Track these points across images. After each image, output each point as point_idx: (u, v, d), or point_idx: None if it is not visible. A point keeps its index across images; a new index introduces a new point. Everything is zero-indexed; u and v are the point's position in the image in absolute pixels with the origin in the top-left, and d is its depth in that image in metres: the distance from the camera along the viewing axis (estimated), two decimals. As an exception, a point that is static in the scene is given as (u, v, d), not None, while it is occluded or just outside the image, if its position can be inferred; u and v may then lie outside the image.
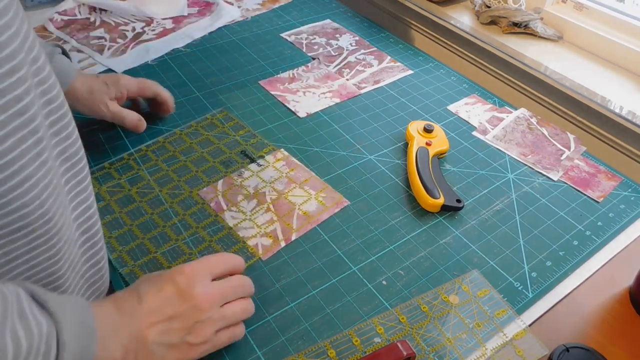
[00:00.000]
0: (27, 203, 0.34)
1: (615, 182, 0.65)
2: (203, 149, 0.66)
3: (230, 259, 0.46)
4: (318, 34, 0.91)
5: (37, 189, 0.35)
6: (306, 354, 0.45)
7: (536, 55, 0.92)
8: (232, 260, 0.47)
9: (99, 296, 0.48)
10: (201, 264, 0.43)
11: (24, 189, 0.34)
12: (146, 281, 0.41)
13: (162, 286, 0.40)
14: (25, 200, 0.34)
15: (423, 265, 0.53)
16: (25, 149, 0.33)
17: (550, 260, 0.55)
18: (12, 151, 0.32)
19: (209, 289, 0.41)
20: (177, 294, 0.40)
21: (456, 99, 0.78)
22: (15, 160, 0.32)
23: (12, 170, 0.32)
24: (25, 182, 0.33)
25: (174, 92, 0.75)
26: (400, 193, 0.61)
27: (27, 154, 0.33)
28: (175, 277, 0.41)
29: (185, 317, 0.39)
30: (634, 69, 0.88)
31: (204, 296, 0.40)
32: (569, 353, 0.45)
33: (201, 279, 0.41)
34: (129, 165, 0.63)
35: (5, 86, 0.31)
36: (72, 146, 0.39)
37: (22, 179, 0.33)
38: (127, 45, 0.84)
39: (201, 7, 0.97)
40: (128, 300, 0.39)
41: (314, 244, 0.55)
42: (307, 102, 0.75)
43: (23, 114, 0.32)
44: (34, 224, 0.35)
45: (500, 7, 0.97)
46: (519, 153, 0.68)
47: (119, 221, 0.56)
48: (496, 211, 0.60)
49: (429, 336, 0.47)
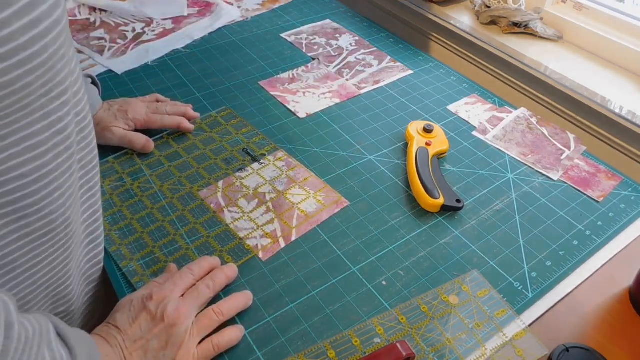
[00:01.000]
0: (54, 210, 0.38)
1: (615, 182, 0.65)
2: (205, 147, 0.66)
3: (197, 265, 0.49)
4: (318, 34, 0.91)
5: (64, 198, 0.39)
6: (306, 355, 0.45)
7: (536, 55, 0.92)
8: (200, 266, 0.49)
9: (94, 289, 0.52)
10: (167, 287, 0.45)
11: (54, 197, 0.37)
12: (121, 311, 0.43)
13: (137, 315, 0.43)
14: (53, 208, 0.38)
15: (423, 266, 0.53)
16: (60, 162, 0.37)
17: (550, 260, 0.55)
18: (50, 164, 0.36)
19: (179, 305, 0.44)
20: (151, 319, 0.42)
21: (456, 99, 0.78)
22: (50, 172, 0.36)
23: (47, 181, 0.36)
24: (55, 192, 0.37)
25: (173, 93, 0.75)
26: (400, 193, 0.61)
27: (61, 167, 0.37)
28: (147, 305, 0.43)
29: (161, 336, 0.42)
30: (634, 69, 0.88)
31: (175, 313, 0.43)
32: (569, 353, 0.45)
33: (170, 300, 0.44)
34: (132, 160, 0.63)
35: (53, 108, 0.35)
36: (90, 154, 0.44)
37: (53, 189, 0.37)
38: (127, 45, 0.85)
39: (201, 8, 0.97)
40: (110, 334, 0.42)
41: (313, 244, 0.55)
42: (307, 103, 0.75)
43: (62, 132, 0.36)
44: (57, 229, 0.39)
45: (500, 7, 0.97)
46: (519, 153, 0.68)
47: (120, 215, 0.57)
48: (496, 211, 0.60)
49: (429, 336, 0.47)
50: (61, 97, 0.35)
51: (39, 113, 0.33)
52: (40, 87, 0.32)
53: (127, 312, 0.43)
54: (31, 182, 0.35)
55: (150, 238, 0.54)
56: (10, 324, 0.30)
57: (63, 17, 0.33)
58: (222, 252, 0.53)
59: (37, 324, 0.33)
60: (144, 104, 0.68)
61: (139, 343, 0.41)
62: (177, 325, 0.42)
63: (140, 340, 0.41)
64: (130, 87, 0.76)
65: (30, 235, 0.37)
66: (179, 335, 0.42)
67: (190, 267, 0.48)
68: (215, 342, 0.44)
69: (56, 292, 0.44)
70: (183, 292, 0.45)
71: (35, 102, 0.32)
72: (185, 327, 0.43)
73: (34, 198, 0.36)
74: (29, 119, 0.32)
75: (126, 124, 0.64)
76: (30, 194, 0.35)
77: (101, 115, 0.64)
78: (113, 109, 0.65)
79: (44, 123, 0.34)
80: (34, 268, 0.40)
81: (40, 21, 0.30)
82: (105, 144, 0.64)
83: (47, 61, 0.32)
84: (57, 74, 0.34)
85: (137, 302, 0.44)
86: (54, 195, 0.37)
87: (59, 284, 0.43)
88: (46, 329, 0.34)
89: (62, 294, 0.45)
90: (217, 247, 0.54)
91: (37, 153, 0.34)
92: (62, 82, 0.35)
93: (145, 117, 0.66)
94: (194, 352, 0.43)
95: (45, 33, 0.31)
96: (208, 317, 0.45)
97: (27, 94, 0.31)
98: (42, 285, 0.42)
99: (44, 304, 0.43)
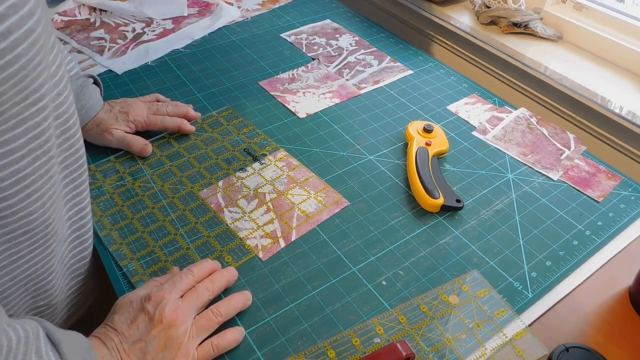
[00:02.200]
0: (32, 212, 0.38)
1: (615, 182, 0.65)
2: (206, 146, 0.66)
3: (197, 267, 0.49)
4: (318, 34, 0.91)
5: (42, 200, 0.39)
6: (306, 355, 0.45)
7: (536, 55, 0.92)
8: (200, 268, 0.49)
9: (79, 283, 0.52)
10: (166, 288, 0.45)
11: (32, 199, 0.37)
12: (119, 312, 0.43)
13: (135, 316, 0.43)
14: (31, 209, 0.38)
15: (423, 266, 0.53)
16: (38, 166, 0.37)
17: (550, 260, 0.55)
18: (26, 169, 0.36)
19: (177, 307, 0.43)
20: (149, 320, 0.42)
21: (456, 99, 0.78)
22: (27, 176, 0.36)
23: (24, 184, 0.36)
24: (33, 194, 0.37)
25: (173, 93, 0.75)
26: (400, 193, 0.61)
27: (38, 171, 0.37)
28: (145, 306, 0.43)
29: (159, 337, 0.42)
30: (634, 69, 0.88)
31: (172, 315, 0.43)
32: (569, 353, 0.45)
33: (168, 301, 0.43)
34: (133, 159, 0.64)
35: (28, 114, 0.34)
36: (75, 154, 0.44)
37: (30, 192, 0.37)
38: (127, 46, 0.85)
39: (201, 8, 0.97)
40: (108, 335, 0.41)
41: (313, 244, 0.55)
42: (307, 103, 0.75)
43: (39, 137, 0.36)
44: (36, 229, 0.39)
45: (500, 7, 0.97)
46: (518, 153, 0.68)
47: (121, 214, 0.57)
48: (496, 211, 0.60)
49: (429, 336, 0.47)
50: (37, 103, 0.35)
51: (13, 120, 0.33)
52: (14, 95, 0.32)
53: (125, 314, 0.43)
54: (8, 186, 0.35)
55: (151, 237, 0.54)
56: None
57: (38, 26, 0.33)
58: (222, 252, 0.53)
59: (23, 332, 0.33)
60: (144, 104, 0.67)
61: (137, 345, 0.41)
62: (175, 326, 0.42)
63: (138, 342, 0.41)
64: (130, 87, 0.76)
65: (7, 235, 0.37)
66: (178, 336, 0.42)
67: (191, 268, 0.48)
68: (215, 343, 0.44)
69: (36, 287, 0.44)
70: (182, 294, 0.45)
71: (9, 110, 0.32)
72: (183, 328, 0.43)
73: (10, 201, 0.36)
74: (2, 126, 0.32)
75: (127, 125, 0.64)
76: (7, 197, 0.35)
77: (102, 116, 0.63)
78: (114, 110, 0.65)
79: (19, 130, 0.34)
80: (12, 265, 0.40)
81: (10, 33, 0.30)
82: (104, 145, 0.64)
83: (19, 71, 0.32)
84: (32, 82, 0.34)
85: (135, 304, 0.43)
86: (31, 197, 0.37)
87: (40, 279, 0.44)
88: (34, 336, 0.33)
89: (43, 289, 0.45)
90: (217, 247, 0.54)
91: (13, 158, 0.34)
92: (38, 88, 0.34)
93: (146, 119, 0.65)
94: (194, 354, 0.43)
95: (15, 44, 0.31)
96: (207, 318, 0.45)
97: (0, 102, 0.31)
98: (21, 280, 0.42)
99: (23, 298, 0.43)
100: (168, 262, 0.52)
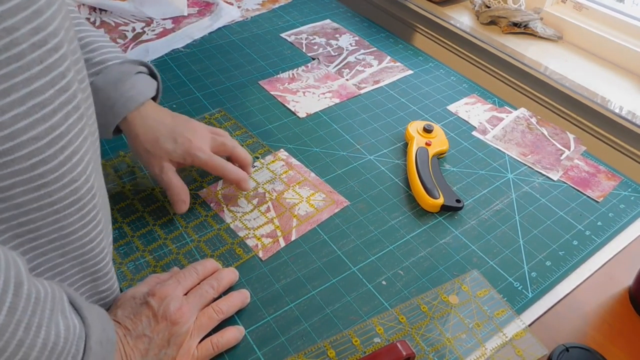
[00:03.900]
0: (76, 178, 0.35)
1: (615, 182, 0.65)
2: None
3: (201, 265, 0.49)
4: (318, 34, 0.91)
5: (83, 164, 0.35)
6: (306, 354, 0.45)
7: (536, 55, 0.92)
8: (204, 266, 0.49)
9: None
10: (170, 285, 0.45)
11: (73, 163, 0.34)
12: (122, 307, 0.43)
13: (138, 311, 0.42)
14: (74, 175, 0.34)
15: (423, 266, 0.53)
16: (71, 124, 0.34)
17: (550, 260, 0.55)
18: (60, 126, 0.33)
19: (182, 305, 0.43)
20: (152, 316, 0.42)
21: (456, 99, 0.78)
22: (63, 135, 0.33)
23: (61, 145, 0.33)
24: (73, 157, 0.34)
25: (174, 93, 0.75)
26: (400, 193, 0.61)
27: (73, 130, 0.34)
28: (149, 302, 0.43)
29: (163, 334, 0.42)
30: (634, 69, 0.88)
31: (177, 312, 0.42)
32: (569, 353, 0.45)
33: (173, 298, 0.43)
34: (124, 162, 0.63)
35: (52, 62, 0.31)
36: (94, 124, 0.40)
37: (70, 153, 0.34)
38: (127, 45, 0.85)
39: (201, 8, 0.97)
40: None
41: (313, 244, 0.55)
42: (307, 103, 0.75)
43: (67, 90, 0.33)
44: (84, 198, 0.36)
45: (500, 7, 0.97)
46: (518, 153, 0.68)
47: (131, 207, 0.57)
48: (496, 211, 0.60)
49: (429, 336, 0.47)
50: (58, 49, 0.32)
51: (37, 67, 0.30)
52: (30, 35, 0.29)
53: (129, 308, 0.43)
54: (45, 146, 0.32)
55: (140, 242, 0.54)
56: (19, 282, 0.29)
57: None
58: (222, 252, 0.53)
59: (51, 289, 0.32)
60: (209, 135, 0.57)
61: (140, 339, 0.41)
62: (180, 324, 0.42)
63: (142, 336, 0.41)
64: (130, 87, 0.76)
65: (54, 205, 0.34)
66: (181, 334, 0.42)
67: (195, 266, 0.48)
68: (215, 341, 0.44)
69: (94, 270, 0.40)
70: (186, 291, 0.45)
71: (29, 52, 0.29)
72: (187, 326, 0.43)
73: (50, 164, 0.32)
74: (27, 72, 0.29)
75: (184, 159, 0.54)
76: (47, 160, 0.32)
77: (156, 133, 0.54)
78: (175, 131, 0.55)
79: (46, 79, 0.31)
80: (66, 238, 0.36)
81: None
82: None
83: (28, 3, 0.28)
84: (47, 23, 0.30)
85: (138, 299, 0.43)
86: (72, 160, 0.34)
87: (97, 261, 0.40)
88: (60, 297, 0.33)
89: (101, 272, 0.41)
90: (217, 247, 0.54)
91: (45, 113, 0.31)
92: (55, 32, 0.31)
93: (208, 158, 0.55)
94: (194, 352, 0.43)
95: None
96: (207, 315, 0.45)
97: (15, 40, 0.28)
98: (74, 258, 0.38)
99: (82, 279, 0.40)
100: (173, 255, 0.52)
